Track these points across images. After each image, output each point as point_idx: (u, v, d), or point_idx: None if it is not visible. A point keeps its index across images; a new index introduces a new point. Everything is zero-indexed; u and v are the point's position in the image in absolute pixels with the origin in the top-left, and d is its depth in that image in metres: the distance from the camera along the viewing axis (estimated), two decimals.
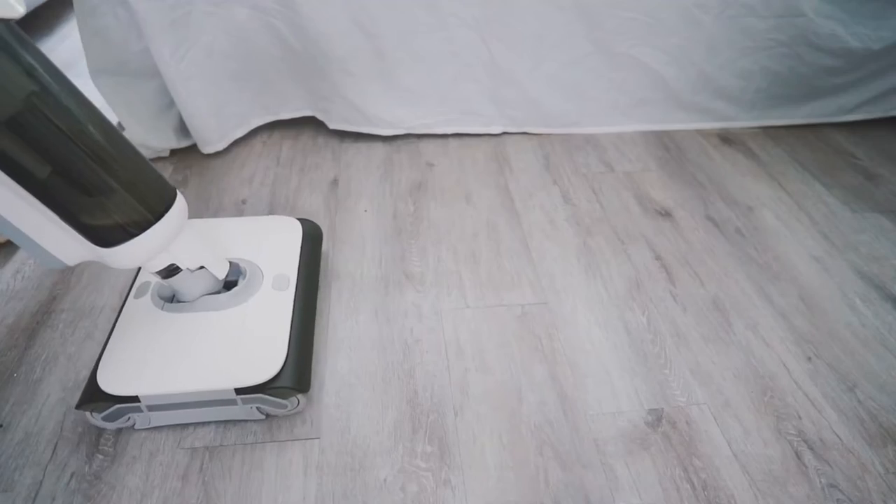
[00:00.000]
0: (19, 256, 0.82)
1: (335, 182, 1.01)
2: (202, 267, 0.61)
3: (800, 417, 0.65)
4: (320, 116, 1.11)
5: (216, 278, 0.64)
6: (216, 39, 0.96)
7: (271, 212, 0.93)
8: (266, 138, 1.11)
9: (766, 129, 1.19)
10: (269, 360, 0.60)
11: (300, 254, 0.73)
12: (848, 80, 1.14)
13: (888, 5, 1.06)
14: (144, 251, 0.54)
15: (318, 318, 0.74)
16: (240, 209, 0.94)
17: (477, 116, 1.12)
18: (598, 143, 1.14)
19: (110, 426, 0.61)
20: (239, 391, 0.58)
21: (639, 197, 0.99)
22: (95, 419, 0.60)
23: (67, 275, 0.79)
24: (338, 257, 0.85)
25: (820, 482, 0.59)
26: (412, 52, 1.02)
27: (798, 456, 0.62)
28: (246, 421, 0.62)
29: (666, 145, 1.14)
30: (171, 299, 0.65)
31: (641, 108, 1.15)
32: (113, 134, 0.51)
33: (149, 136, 1.02)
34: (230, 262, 0.67)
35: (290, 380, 0.59)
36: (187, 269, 0.60)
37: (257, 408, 0.61)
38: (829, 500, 0.58)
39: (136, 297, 0.66)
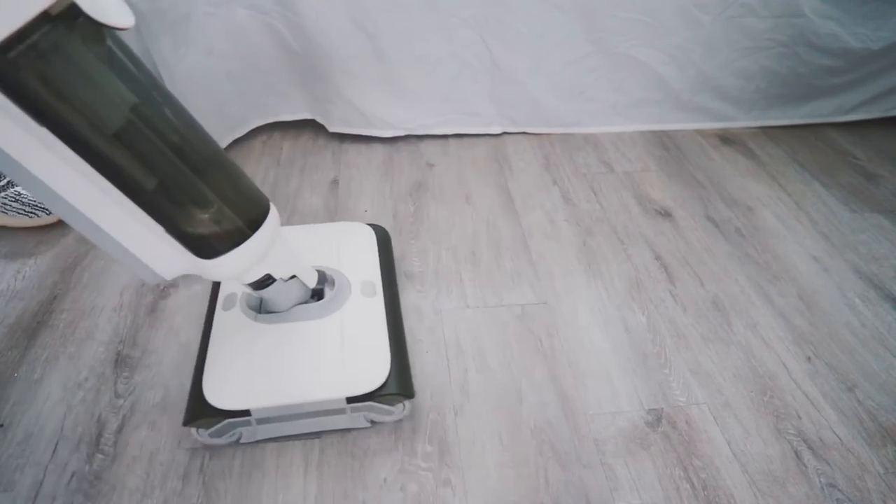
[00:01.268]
0: (20, 256, 0.82)
1: (335, 182, 1.01)
2: (293, 276, 0.61)
3: (799, 417, 0.66)
4: (320, 119, 1.11)
5: (306, 287, 0.64)
6: (216, 40, 0.96)
7: None
8: (266, 138, 1.11)
9: (766, 129, 1.19)
10: (376, 367, 0.59)
11: (379, 259, 0.73)
12: (847, 80, 1.14)
13: (887, 5, 1.06)
14: (244, 261, 0.53)
15: None
16: None
17: (477, 116, 1.12)
18: (598, 143, 1.14)
19: (216, 442, 0.60)
20: (350, 400, 0.58)
21: (639, 197, 0.99)
22: (202, 436, 0.58)
23: (67, 275, 0.79)
24: None
25: (819, 482, 0.59)
26: (412, 53, 1.02)
27: (798, 456, 0.62)
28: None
29: (665, 145, 1.14)
30: (259, 310, 0.64)
31: (641, 108, 1.15)
32: (212, 144, 0.52)
33: None
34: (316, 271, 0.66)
35: (398, 386, 0.59)
36: (280, 278, 0.59)
37: (364, 416, 0.61)
38: (828, 500, 0.58)
39: (224, 308, 0.64)
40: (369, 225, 0.78)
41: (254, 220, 0.53)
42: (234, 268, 0.53)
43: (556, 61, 1.07)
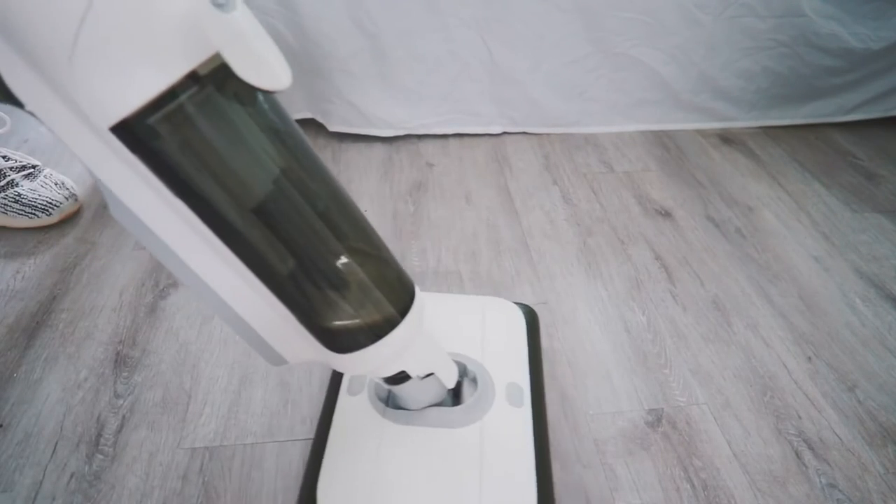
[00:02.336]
0: (19, 256, 0.82)
1: None
2: (431, 373, 0.51)
3: (800, 417, 0.65)
4: (320, 119, 1.11)
5: (444, 386, 0.53)
6: None
7: None
8: None
9: (766, 129, 1.19)
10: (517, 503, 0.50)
11: (528, 353, 0.62)
12: (848, 80, 1.14)
13: (888, 5, 1.06)
14: (381, 357, 0.44)
15: None
16: None
17: (477, 116, 1.12)
18: (598, 142, 1.14)
19: None
20: None
21: (639, 197, 0.99)
22: None
23: (67, 275, 0.79)
24: None
25: (820, 482, 0.59)
26: (412, 52, 1.02)
27: (798, 456, 0.62)
28: (246, 420, 0.63)
29: (666, 145, 1.14)
30: (387, 400, 0.55)
31: (641, 108, 1.15)
32: (360, 217, 0.43)
33: None
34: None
35: None
36: (416, 376, 0.49)
37: None
38: (828, 500, 0.58)
39: (350, 393, 0.57)
40: (517, 304, 0.68)
41: (398, 312, 0.43)
42: (369, 364, 0.45)
43: (556, 61, 1.07)
